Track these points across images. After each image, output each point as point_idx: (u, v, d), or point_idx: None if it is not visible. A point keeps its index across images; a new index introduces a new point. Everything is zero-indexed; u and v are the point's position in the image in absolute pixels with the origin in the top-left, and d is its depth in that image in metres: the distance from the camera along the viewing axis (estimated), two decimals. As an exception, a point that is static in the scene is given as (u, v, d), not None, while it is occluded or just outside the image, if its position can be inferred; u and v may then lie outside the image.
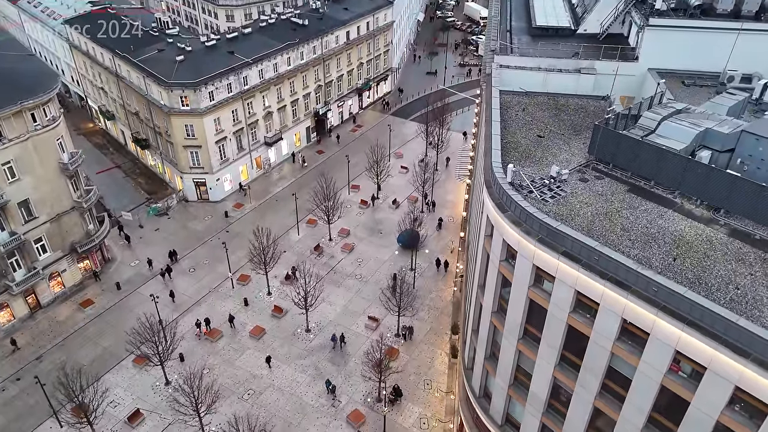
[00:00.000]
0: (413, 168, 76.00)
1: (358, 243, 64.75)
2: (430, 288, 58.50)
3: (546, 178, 29.36)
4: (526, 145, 33.10)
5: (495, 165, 29.67)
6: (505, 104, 38.15)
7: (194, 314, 54.96)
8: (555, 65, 42.67)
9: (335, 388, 47.01)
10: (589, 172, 30.25)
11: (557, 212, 26.87)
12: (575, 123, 35.73)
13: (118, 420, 45.08)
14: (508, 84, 41.63)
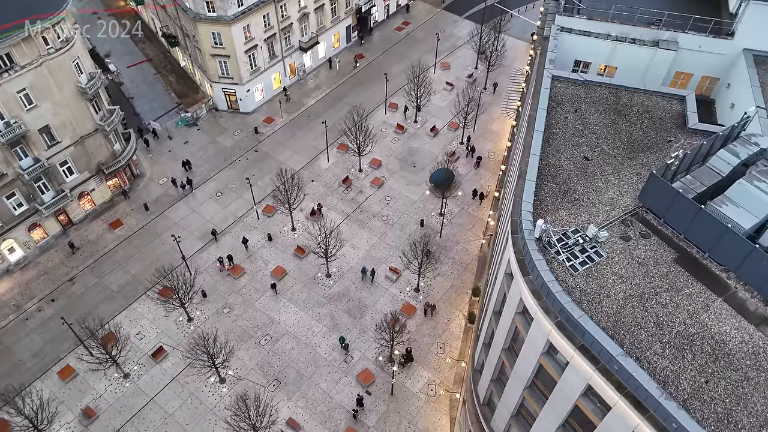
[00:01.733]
0: (459, 86, 69.84)
1: (388, 177, 61.83)
2: (458, 238, 56.38)
3: (582, 231, 25.51)
4: (568, 171, 28.56)
5: (525, 212, 25.85)
6: (556, 98, 32.56)
7: (219, 246, 55.22)
8: (628, 33, 35.95)
9: (348, 345, 47.77)
10: (634, 226, 26.08)
11: (585, 288, 23.65)
12: (634, 138, 30.34)
13: (144, 353, 47.66)
14: (567, 52, 35.37)
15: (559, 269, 24.22)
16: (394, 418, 44.19)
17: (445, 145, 65.60)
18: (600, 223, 25.99)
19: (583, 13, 36.76)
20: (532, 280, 24.35)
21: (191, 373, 45.47)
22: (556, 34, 36.07)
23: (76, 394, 45.11)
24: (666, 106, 32.01)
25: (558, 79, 33.30)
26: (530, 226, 25.33)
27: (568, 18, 36.36)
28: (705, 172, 26.06)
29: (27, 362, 47.20)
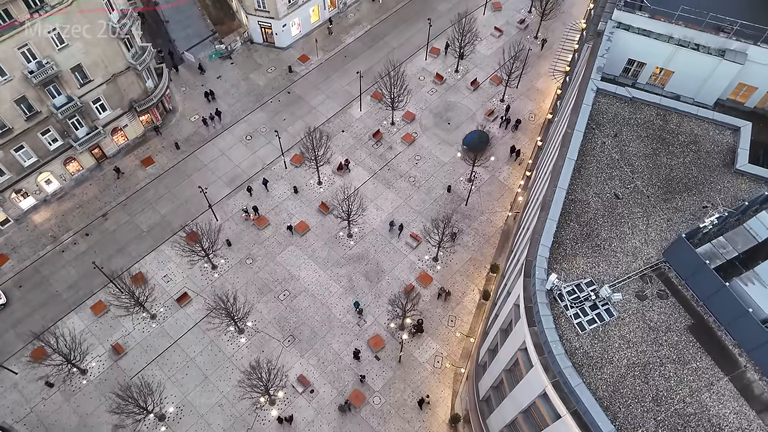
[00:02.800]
0: (509, 32, 65.58)
1: (420, 134, 60.12)
2: (484, 208, 55.54)
3: (596, 285, 24.85)
4: (594, 209, 27.27)
5: (540, 257, 25.14)
6: (597, 116, 30.35)
7: (246, 192, 55.76)
8: (693, 38, 32.69)
9: (362, 311, 49.22)
10: (653, 284, 25.23)
11: (588, 351, 23.50)
12: (674, 175, 28.43)
13: (170, 296, 50.21)
14: (620, 49, 32.47)
15: (565, 326, 23.96)
16: (399, 386, 46.37)
17: (485, 101, 62.74)
18: (618, 276, 25.20)
19: (645, 11, 33.05)
20: (536, 333, 24.22)
21: (212, 321, 47.86)
22: (611, 33, 32.79)
23: (107, 329, 48.37)
24: (717, 136, 29.56)
25: (603, 93, 30.78)
26: (543, 275, 24.77)
27: (627, 14, 32.82)
28: (740, 235, 24.61)
29: (63, 294, 50.37)
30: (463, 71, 64.68)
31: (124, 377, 46.25)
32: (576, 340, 23.56)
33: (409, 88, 61.26)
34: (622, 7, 33.14)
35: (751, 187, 27.52)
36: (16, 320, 48.90)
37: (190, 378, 46.43)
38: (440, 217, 49.26)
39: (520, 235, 39.09)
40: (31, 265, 51.80)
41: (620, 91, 30.92)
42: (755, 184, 27.38)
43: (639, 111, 30.61)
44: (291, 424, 44.20)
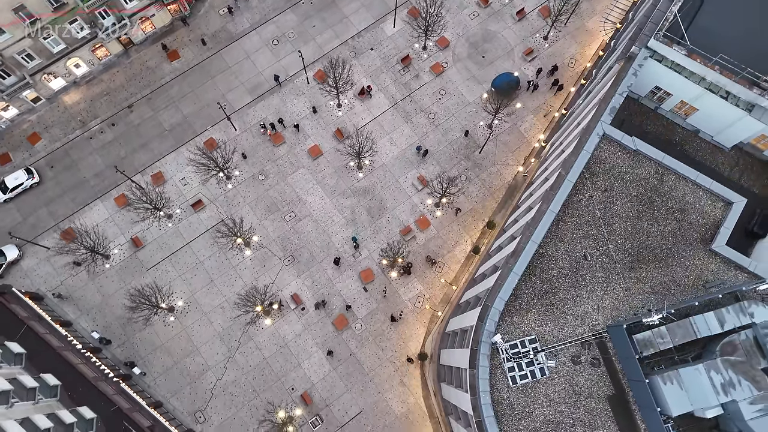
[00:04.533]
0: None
1: (451, 65, 58.06)
2: (497, 159, 55.78)
3: (538, 344, 27.58)
4: (560, 267, 28.82)
5: (495, 310, 27.55)
6: (593, 164, 30.20)
7: (266, 105, 56.42)
8: (724, 86, 31.08)
9: (359, 245, 52.77)
10: (590, 351, 27.80)
11: (512, 403, 27.06)
12: (648, 243, 29.21)
13: (186, 200, 54.09)
14: (649, 77, 31.50)
15: (499, 376, 27.21)
16: (380, 317, 51.63)
17: (527, 36, 59.11)
18: (561, 338, 27.70)
19: (683, 47, 30.58)
20: (474, 375, 27.60)
21: (221, 231, 52.09)
22: (641, 66, 30.93)
23: (128, 222, 53.17)
24: (707, 208, 29.60)
25: (609, 140, 30.25)
26: (492, 327, 27.39)
27: (664, 46, 30.59)
28: (682, 329, 26.39)
29: (90, 180, 54.55)
30: (513, -9, 59.78)
31: (142, 268, 52.15)
32: (505, 391, 26.95)
33: (449, 7, 57.90)
34: (661, 38, 30.65)
35: (719, 270, 28.32)
36: (48, 199, 53.84)
37: (197, 279, 52.15)
38: (445, 175, 50.04)
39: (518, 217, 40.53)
40: (62, 147, 55.32)
41: (625, 140, 30.15)
42: (724, 267, 28.17)
43: (638, 165, 30.20)
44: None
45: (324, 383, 49.90)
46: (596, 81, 41.27)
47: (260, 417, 47.93)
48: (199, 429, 48.65)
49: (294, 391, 49.61)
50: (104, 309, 51.14)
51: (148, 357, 50.11)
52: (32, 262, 51.84)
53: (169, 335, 50.51)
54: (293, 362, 50.33)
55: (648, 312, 26.12)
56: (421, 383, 50.20)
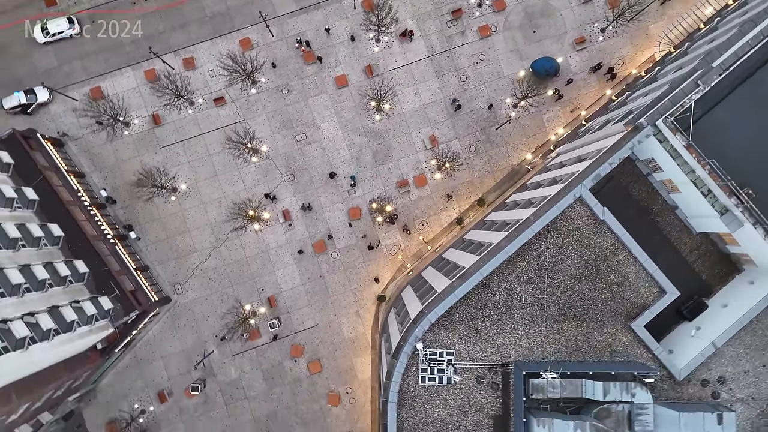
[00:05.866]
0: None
1: (500, 31, 57.02)
2: (509, 140, 56.84)
3: (453, 358, 32.16)
4: (495, 301, 32.51)
5: (427, 320, 31.73)
6: (561, 218, 32.64)
7: (309, 18, 56.35)
8: (707, 184, 32.91)
9: (355, 184, 55.89)
10: (495, 376, 32.38)
11: (415, 396, 32.30)
12: (580, 305, 32.59)
13: (210, 92, 56.29)
14: (648, 149, 33.08)
15: (413, 372, 32.15)
16: (355, 253, 56.29)
17: (586, 23, 57.27)
18: (475, 359, 32.20)
19: (684, 137, 31.48)
20: (393, 363, 32.54)
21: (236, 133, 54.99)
22: (641, 142, 32.15)
23: (153, 97, 55.83)
24: (642, 290, 32.59)
25: (581, 202, 32.40)
26: (421, 333, 31.79)
27: (668, 130, 31.61)
28: (573, 386, 30.72)
29: (126, 46, 56.39)
30: (590, -30, 56.86)
31: (156, 144, 55.97)
32: (413, 385, 31.98)
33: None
34: (669, 123, 31.47)
35: (629, 344, 31.90)
36: (84, 53, 56.20)
37: (203, 169, 56.13)
38: (451, 149, 51.91)
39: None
40: (106, 4, 56.47)
41: (596, 209, 32.19)
42: (635, 344, 31.80)
43: (599, 233, 32.54)
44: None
45: (291, 293, 55.86)
46: (609, 119, 41.94)
47: (229, 305, 54.47)
48: (175, 298, 55.46)
49: (263, 292, 55.71)
50: (116, 171, 55.75)
51: (145, 225, 55.63)
52: (60, 108, 55.54)
53: (167, 212, 55.63)
54: (269, 268, 55.90)
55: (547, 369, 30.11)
56: (374, 319, 56.10)
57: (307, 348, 55.36)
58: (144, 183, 51.28)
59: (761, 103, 32.26)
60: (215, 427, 54.74)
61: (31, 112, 54.69)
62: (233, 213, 53.53)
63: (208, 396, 54.93)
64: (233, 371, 55.11)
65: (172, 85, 51.92)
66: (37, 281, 40.76)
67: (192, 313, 55.39)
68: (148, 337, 54.84)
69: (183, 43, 56.47)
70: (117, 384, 54.31)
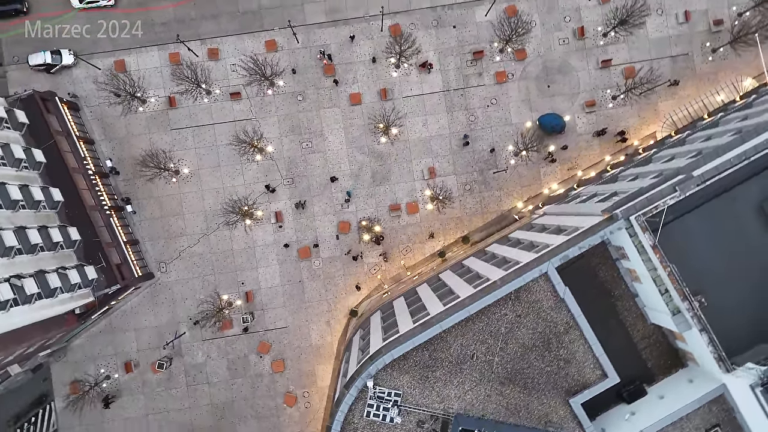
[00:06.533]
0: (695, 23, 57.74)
1: (515, 80, 58.47)
2: (504, 185, 58.40)
3: (401, 400, 34.25)
4: (450, 354, 34.51)
5: (382, 360, 33.77)
6: (523, 290, 34.62)
7: (336, 31, 57.71)
8: (665, 284, 34.76)
9: (350, 199, 57.73)
10: (434, 423, 34.48)
11: (357, 429, 34.40)
12: (526, 371, 34.60)
13: (228, 85, 57.91)
14: (619, 237, 34.88)
15: (361, 404, 34.25)
16: (337, 265, 58.29)
17: (599, 87, 58.72)
18: (420, 405, 34.31)
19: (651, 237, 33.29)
20: (344, 392, 34.64)
21: (245, 132, 56.77)
22: (612, 233, 34.01)
23: (173, 79, 57.41)
24: (586, 369, 34.57)
25: (546, 278, 34.30)
26: (374, 371, 33.83)
27: (639, 226, 33.42)
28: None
29: (156, 26, 57.90)
30: (610, 40, 58.44)
31: (167, 126, 57.77)
32: (358, 417, 34.09)
33: (544, 22, 57.56)
34: (642, 221, 33.32)
35: (565, 418, 33.97)
36: (114, 26, 57.73)
37: (208, 158, 57.97)
38: (447, 187, 53.88)
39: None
40: (144, -18, 58.05)
41: (559, 288, 34.13)
42: (570, 419, 33.87)
43: (556, 310, 34.50)
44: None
45: (268, 291, 57.94)
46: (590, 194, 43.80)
47: (208, 292, 56.58)
48: (158, 276, 57.54)
49: (243, 285, 57.80)
50: (124, 144, 57.61)
51: (143, 201, 57.59)
52: (82, 73, 57.28)
53: (166, 192, 57.56)
54: (253, 263, 57.96)
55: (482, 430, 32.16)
56: (343, 331, 58.23)
57: (274, 347, 57.54)
58: (149, 163, 53.18)
59: (730, 220, 34.09)
60: (173, 404, 57.06)
61: (54, 72, 56.38)
62: (228, 206, 55.32)
63: (172, 374, 57.18)
64: (200, 355, 57.34)
65: (192, 74, 53.59)
66: (29, 245, 42.76)
67: (171, 293, 57.49)
68: (125, 308, 56.99)
69: (211, 33, 58.06)
70: (88, 346, 56.52)
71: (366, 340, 41.50)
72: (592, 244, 34.08)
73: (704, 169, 33.62)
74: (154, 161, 53.73)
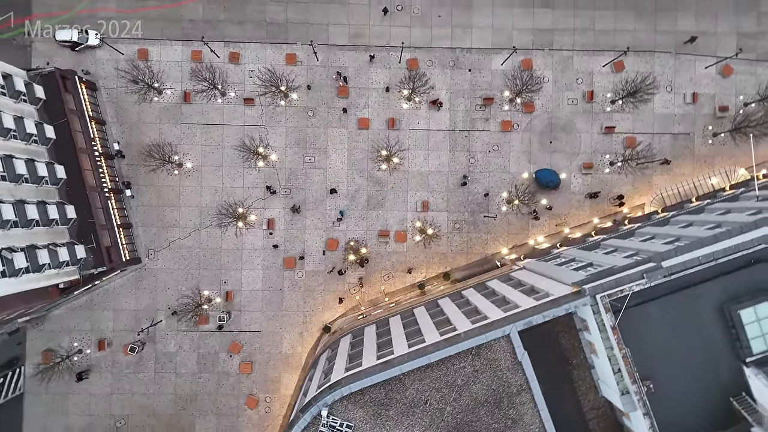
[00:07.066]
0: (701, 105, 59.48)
1: (519, 131, 60.14)
2: (492, 230, 60.01)
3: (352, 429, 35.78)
4: (405, 396, 36.05)
5: (338, 392, 35.29)
6: (486, 349, 36.21)
7: (355, 56, 59.35)
8: (619, 364, 36.35)
9: (342, 219, 59.30)
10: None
11: (304, 451, 35.92)
12: (474, 425, 36.11)
13: (243, 91, 59.53)
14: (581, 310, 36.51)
15: (313, 429, 35.75)
16: (318, 279, 59.80)
17: (598, 151, 60.40)
18: (369, 439, 35.84)
19: (614, 319, 34.94)
20: (299, 416, 36.17)
21: (250, 138, 58.42)
22: (578, 307, 35.62)
23: (189, 77, 59.01)
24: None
25: (507, 339, 35.87)
26: (330, 401, 35.36)
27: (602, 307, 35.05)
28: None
29: (184, 22, 59.49)
30: (616, 108, 60.23)
31: (178, 119, 59.31)
32: (308, 441, 35.75)
33: (556, 80, 59.34)
34: (607, 301, 34.93)
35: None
36: (143, 15, 59.24)
37: (212, 156, 59.53)
38: (435, 223, 55.58)
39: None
40: (180, -23, 59.68)
41: (518, 351, 35.74)
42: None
43: (513, 371, 36.06)
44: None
45: (248, 294, 59.49)
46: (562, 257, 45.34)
47: (190, 285, 58.14)
48: (145, 261, 59.08)
49: (225, 284, 59.36)
50: (134, 130, 59.18)
51: (142, 187, 59.15)
52: (105, 55, 58.85)
53: (166, 182, 59.12)
54: (238, 265, 59.52)
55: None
56: (314, 344, 59.77)
57: (245, 348, 59.07)
58: (154, 154, 54.79)
59: (690, 315, 35.71)
60: (139, 388, 58.54)
61: (79, 50, 57.94)
62: (223, 209, 56.89)
63: (143, 359, 58.69)
64: (172, 345, 58.86)
65: (210, 77, 55.22)
66: (26, 219, 44.28)
67: (155, 280, 59.01)
68: (108, 287, 58.51)
69: (236, 37, 59.71)
70: (66, 318, 58.01)
71: (331, 364, 43.04)
72: (557, 315, 35.66)
73: (673, 261, 35.23)
74: (160, 153, 55.28)
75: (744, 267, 35.59)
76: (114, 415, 58.57)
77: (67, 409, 58.14)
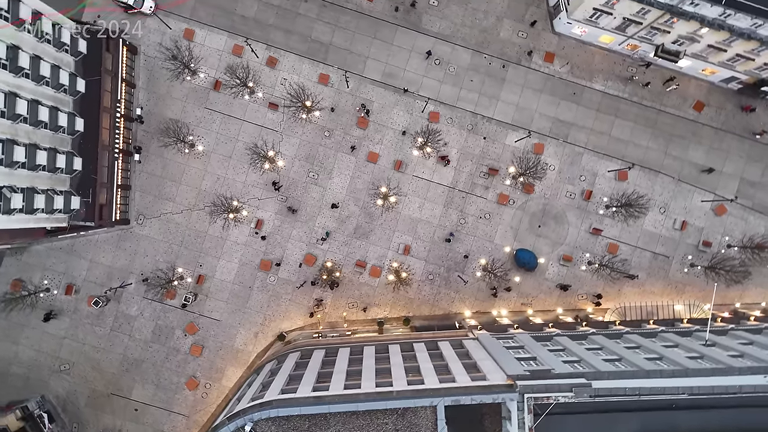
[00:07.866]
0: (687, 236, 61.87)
1: (514, 208, 62.70)
2: (462, 291, 62.55)
3: (267, 450, 38.12)
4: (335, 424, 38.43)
5: (265, 412, 37.65)
6: (408, 412, 38.55)
7: (383, 93, 61.97)
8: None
9: (326, 239, 61.74)
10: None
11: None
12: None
13: (270, 95, 62.07)
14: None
15: (233, 439, 38.08)
16: (288, 288, 62.03)
17: (581, 248, 62.91)
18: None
19: (532, 421, 37.40)
20: (224, 422, 38.47)
21: (263, 141, 60.99)
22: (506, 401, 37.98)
23: (230, 64, 61.43)
24: None
25: (434, 410, 38.24)
26: (259, 418, 37.69)
27: (527, 407, 37.47)
28: None
29: (235, 16, 62.12)
30: (608, 214, 62.69)
31: (203, 103, 61.73)
32: (227, 448, 38.09)
33: (561, 170, 62.00)
34: (532, 403, 37.37)
35: None
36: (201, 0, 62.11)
37: (224, 147, 61.99)
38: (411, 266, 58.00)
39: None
40: (244, -27, 62.33)
41: (440, 423, 38.16)
42: None
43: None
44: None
45: (219, 283, 61.85)
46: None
47: (168, 259, 60.51)
48: (133, 224, 61.47)
49: (200, 267, 61.73)
50: (159, 101, 61.70)
51: (151, 157, 61.59)
52: (153, 24, 61.44)
53: (173, 159, 61.57)
54: (217, 253, 61.91)
55: None
56: (265, 348, 62.06)
57: (201, 332, 61.39)
58: (170, 134, 57.30)
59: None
60: (92, 340, 60.81)
61: (131, 13, 60.52)
62: (220, 197, 59.37)
63: (103, 314, 60.98)
64: (134, 309, 61.16)
65: (243, 76, 57.84)
66: (34, 163, 46.68)
67: (137, 245, 61.37)
68: (92, 239, 60.84)
69: (278, 43, 62.29)
70: (44, 256, 60.28)
71: (271, 379, 45.38)
72: (484, 402, 38.06)
73: (603, 384, 37.65)
74: (176, 131, 57.71)
75: (665, 409, 38.00)
76: (61, 358, 60.75)
77: (19, 340, 60.34)
